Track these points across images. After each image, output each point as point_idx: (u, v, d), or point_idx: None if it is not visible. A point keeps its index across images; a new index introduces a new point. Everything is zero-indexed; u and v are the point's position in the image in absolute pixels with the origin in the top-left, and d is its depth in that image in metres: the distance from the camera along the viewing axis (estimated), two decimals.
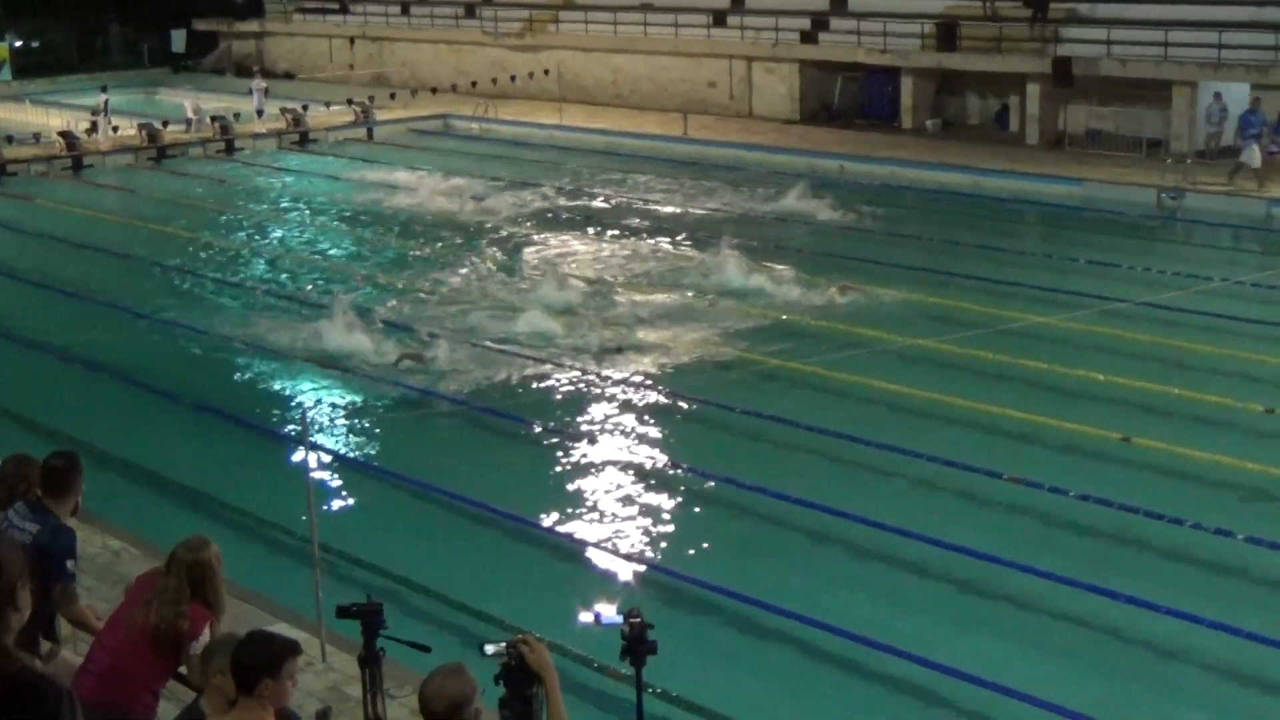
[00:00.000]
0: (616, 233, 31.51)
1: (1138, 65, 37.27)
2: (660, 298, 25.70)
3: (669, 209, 34.03)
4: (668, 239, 30.65)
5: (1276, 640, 13.02)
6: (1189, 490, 16.79)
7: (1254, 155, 32.27)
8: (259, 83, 48.56)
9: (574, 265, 28.64)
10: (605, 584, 15.00)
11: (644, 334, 23.33)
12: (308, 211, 35.91)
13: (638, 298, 25.66)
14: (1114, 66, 37.73)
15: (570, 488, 17.41)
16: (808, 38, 45.20)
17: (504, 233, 31.61)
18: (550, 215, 33.61)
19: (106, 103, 45.03)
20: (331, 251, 31.40)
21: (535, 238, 31.13)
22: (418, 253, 30.16)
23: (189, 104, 46.50)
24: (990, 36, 41.18)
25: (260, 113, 46.56)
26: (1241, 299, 24.75)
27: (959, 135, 41.59)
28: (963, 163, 36.95)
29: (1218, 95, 36.02)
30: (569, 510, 16.71)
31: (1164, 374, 20.85)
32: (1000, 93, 41.86)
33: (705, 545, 15.82)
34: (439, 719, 6.12)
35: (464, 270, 28.24)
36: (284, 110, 45.67)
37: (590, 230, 31.88)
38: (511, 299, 25.63)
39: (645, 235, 31.08)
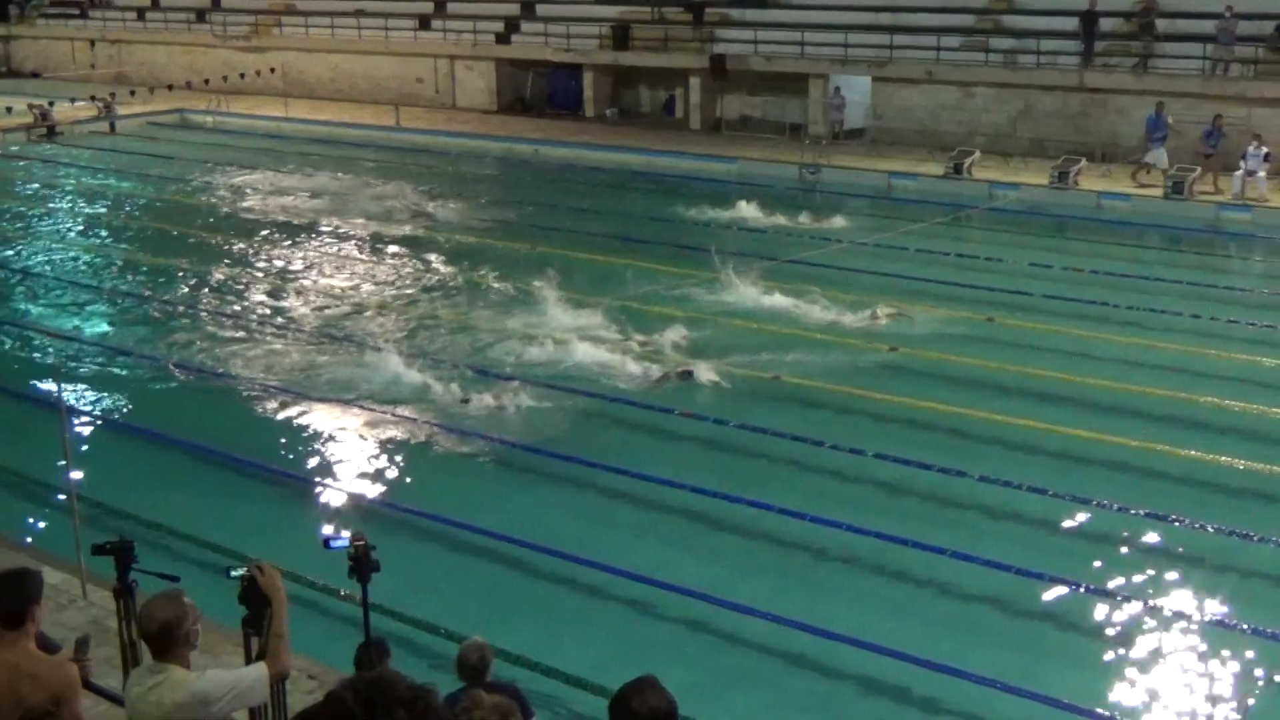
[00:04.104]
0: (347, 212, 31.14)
1: (780, 61, 38.38)
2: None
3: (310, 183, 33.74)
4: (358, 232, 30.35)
5: (866, 528, 13.74)
6: (827, 418, 17.42)
7: (1161, 157, 30.32)
8: None
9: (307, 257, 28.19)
10: (334, 516, 14.84)
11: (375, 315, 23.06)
12: (59, 197, 34.30)
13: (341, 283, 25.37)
14: (760, 62, 38.79)
15: (302, 437, 17.16)
16: (502, 39, 45.18)
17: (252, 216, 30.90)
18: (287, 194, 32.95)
19: None
20: (81, 234, 30.12)
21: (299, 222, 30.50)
22: (159, 230, 29.21)
23: None
24: (658, 37, 41.87)
25: None
26: (865, 256, 25.73)
27: (634, 122, 42.11)
28: (638, 145, 37.46)
29: (837, 89, 37.42)
30: (301, 457, 16.54)
31: (804, 320, 21.57)
32: (667, 85, 42.49)
33: (422, 481, 15.77)
34: (153, 638, 5.98)
35: (227, 255, 27.53)
36: (31, 105, 43.45)
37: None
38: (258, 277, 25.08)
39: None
